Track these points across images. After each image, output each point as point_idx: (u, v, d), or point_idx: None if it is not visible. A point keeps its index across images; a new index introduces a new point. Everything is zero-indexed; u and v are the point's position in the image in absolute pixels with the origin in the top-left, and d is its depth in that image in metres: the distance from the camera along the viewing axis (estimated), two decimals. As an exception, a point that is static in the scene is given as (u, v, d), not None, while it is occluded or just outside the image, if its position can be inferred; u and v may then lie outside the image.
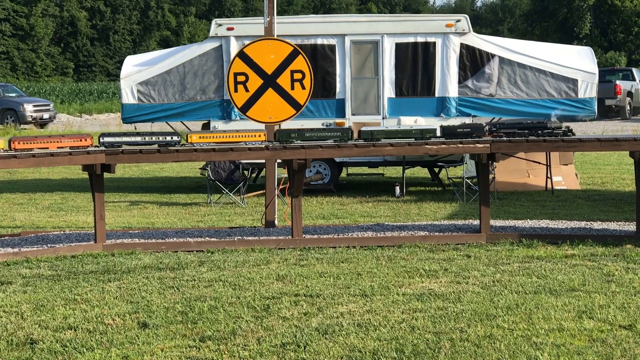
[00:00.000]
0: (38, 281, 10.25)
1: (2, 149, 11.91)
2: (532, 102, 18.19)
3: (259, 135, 12.68)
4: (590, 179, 20.44)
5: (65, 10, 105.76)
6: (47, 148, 12.08)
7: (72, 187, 20.41)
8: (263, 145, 12.50)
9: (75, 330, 8.05)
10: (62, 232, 14.07)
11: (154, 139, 12.64)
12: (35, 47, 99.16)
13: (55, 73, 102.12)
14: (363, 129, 12.98)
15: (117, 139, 12.61)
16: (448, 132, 12.76)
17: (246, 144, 12.51)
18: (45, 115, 45.23)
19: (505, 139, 12.64)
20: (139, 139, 12.63)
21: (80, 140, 12.44)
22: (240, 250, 12.14)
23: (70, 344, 7.62)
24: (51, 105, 47.58)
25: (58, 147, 12.17)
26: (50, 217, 16.00)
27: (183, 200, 18.14)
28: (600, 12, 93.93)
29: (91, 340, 7.71)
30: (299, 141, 12.61)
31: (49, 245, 12.65)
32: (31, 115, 44.27)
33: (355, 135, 12.90)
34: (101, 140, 12.52)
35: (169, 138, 12.63)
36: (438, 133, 12.96)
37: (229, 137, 12.62)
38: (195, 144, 12.46)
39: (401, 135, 12.79)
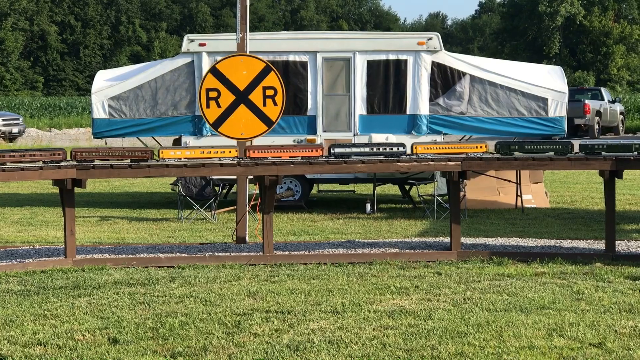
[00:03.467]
0: (7, 296, 10.17)
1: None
2: (502, 120, 18.28)
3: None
4: (559, 197, 20.55)
5: (35, 24, 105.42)
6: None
7: (41, 202, 20.30)
8: (235, 162, 12.49)
9: (45, 346, 8.00)
10: (31, 247, 13.98)
11: (381, 149, 12.70)
12: (5, 61, 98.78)
13: (24, 87, 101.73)
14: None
15: (347, 150, 12.69)
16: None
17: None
18: (15, 130, 45.01)
19: (476, 156, 12.70)
20: (367, 149, 12.70)
21: (312, 151, 12.69)
22: (211, 266, 12.11)
23: (40, 360, 7.58)
24: (20, 119, 47.35)
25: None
26: (19, 231, 15.90)
27: (154, 215, 18.08)
28: (569, 32, 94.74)
29: (61, 356, 7.67)
30: (519, 153, 12.62)
31: (18, 260, 12.56)
32: (0, 130, 44.01)
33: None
34: (332, 151, 12.66)
35: (395, 148, 12.68)
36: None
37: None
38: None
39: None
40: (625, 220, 16.37)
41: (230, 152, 12.66)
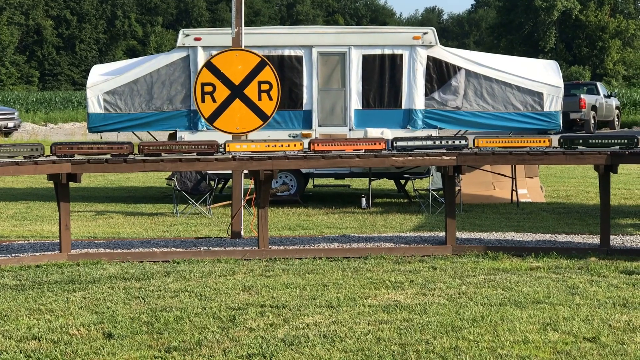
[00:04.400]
0: (2, 291, 10.16)
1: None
2: (498, 115, 18.28)
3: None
4: (555, 192, 20.57)
5: (31, 18, 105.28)
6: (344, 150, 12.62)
7: (36, 197, 20.29)
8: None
9: (40, 341, 7.99)
10: (26, 241, 13.97)
11: (443, 142, 12.72)
12: (0, 56, 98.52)
13: (20, 81, 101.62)
14: None
15: (410, 143, 12.70)
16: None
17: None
18: (10, 124, 44.92)
19: (471, 151, 12.70)
20: (429, 142, 12.71)
21: (375, 144, 12.66)
22: (206, 261, 12.11)
23: (34, 355, 7.56)
24: (16, 113, 47.25)
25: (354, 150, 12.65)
26: (14, 226, 15.89)
27: (149, 210, 18.07)
28: (565, 27, 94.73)
29: (55, 351, 7.66)
30: (582, 147, 12.54)
31: (13, 254, 12.56)
32: (-5, 124, 43.96)
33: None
34: (394, 144, 12.66)
35: (457, 142, 12.69)
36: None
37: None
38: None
39: None
40: (620, 215, 16.39)
41: (295, 145, 12.68)
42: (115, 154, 12.36)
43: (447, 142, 12.71)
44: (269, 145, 12.59)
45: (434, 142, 12.74)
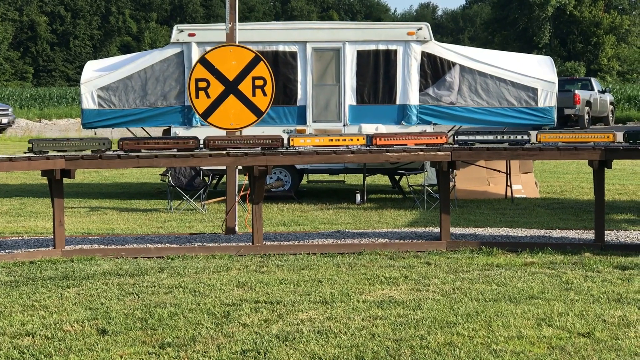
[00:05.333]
0: (-4, 287, 10.15)
1: None
2: (492, 110, 18.27)
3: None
4: (549, 187, 20.58)
5: (25, 14, 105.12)
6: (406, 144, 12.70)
7: (30, 193, 20.26)
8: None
9: (33, 337, 7.98)
10: (20, 237, 13.96)
11: (505, 137, 12.69)
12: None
13: (14, 77, 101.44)
14: None
15: (472, 137, 12.69)
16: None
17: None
18: (4, 120, 44.86)
19: (466, 147, 12.70)
20: (491, 137, 12.68)
21: (436, 138, 12.69)
22: (201, 257, 12.10)
23: (28, 351, 7.55)
24: (10, 110, 47.19)
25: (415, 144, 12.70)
26: (8, 222, 15.86)
27: (143, 206, 18.05)
28: (560, 22, 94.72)
29: (49, 347, 7.65)
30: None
31: (6, 250, 12.54)
32: (-11, 120, 43.91)
33: None
34: (456, 138, 12.71)
35: (519, 137, 12.63)
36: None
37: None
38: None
39: None
40: (615, 210, 16.40)
41: (357, 139, 12.73)
42: (181, 148, 12.46)
43: (509, 137, 12.67)
44: (331, 140, 12.68)
45: (496, 137, 12.71)
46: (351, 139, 12.75)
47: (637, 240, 13.14)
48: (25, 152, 12.29)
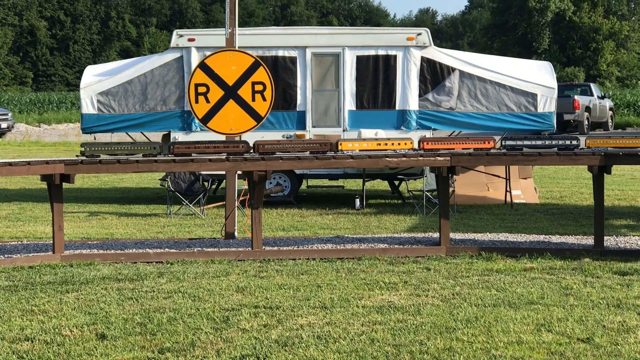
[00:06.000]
0: (-5, 292, 10.14)
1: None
2: (491, 115, 18.27)
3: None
4: (548, 192, 20.58)
5: (24, 19, 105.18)
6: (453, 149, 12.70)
7: (30, 197, 20.25)
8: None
9: (32, 342, 7.97)
10: (19, 242, 13.95)
11: (553, 142, 12.62)
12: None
13: (13, 82, 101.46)
14: None
15: (519, 142, 12.64)
16: None
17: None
18: (4, 125, 44.86)
19: (465, 152, 12.69)
20: (539, 142, 12.64)
21: (484, 143, 12.68)
22: (200, 262, 12.10)
23: (27, 356, 7.54)
24: (9, 114, 47.20)
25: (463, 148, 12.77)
26: (7, 227, 15.85)
27: (142, 211, 18.04)
28: (559, 28, 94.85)
29: (48, 352, 7.64)
30: None
31: (6, 255, 12.53)
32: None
33: None
34: (503, 143, 12.66)
35: (568, 142, 12.55)
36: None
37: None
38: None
39: None
40: (614, 216, 16.40)
41: (405, 143, 12.77)
42: (232, 152, 12.53)
43: (558, 142, 12.63)
44: (379, 144, 12.73)
45: (544, 142, 12.68)
46: (399, 143, 12.77)
47: (637, 246, 13.13)
48: (77, 155, 12.43)
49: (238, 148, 12.56)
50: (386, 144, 12.74)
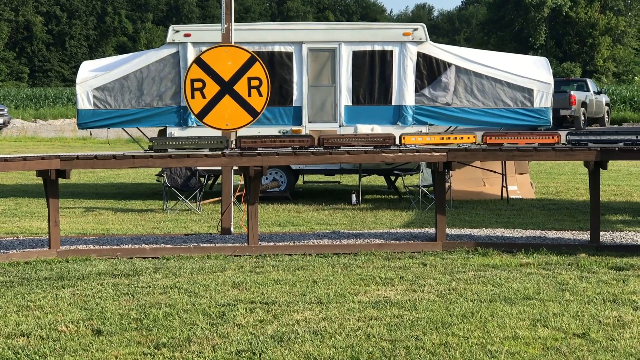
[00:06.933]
0: (-10, 287, 10.13)
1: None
2: (488, 111, 18.28)
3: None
4: (545, 188, 20.58)
5: (20, 14, 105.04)
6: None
7: (26, 193, 20.23)
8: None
9: (28, 337, 7.97)
10: (15, 237, 13.94)
11: (619, 137, 12.52)
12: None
13: (9, 78, 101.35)
14: None
15: (584, 137, 12.56)
16: None
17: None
18: (0, 120, 44.82)
19: (461, 147, 12.70)
20: (605, 137, 12.55)
21: (550, 138, 12.62)
22: (196, 257, 12.09)
23: (23, 351, 7.54)
24: (5, 110, 47.16)
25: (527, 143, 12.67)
26: (3, 222, 15.84)
27: (138, 206, 18.03)
28: (556, 23, 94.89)
29: (44, 347, 7.63)
30: None
31: (1, 251, 12.51)
32: (-15, 120, 43.87)
33: None
34: (569, 138, 12.59)
35: (633, 137, 12.44)
36: None
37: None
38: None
39: None
40: (610, 211, 16.41)
41: (468, 137, 12.79)
42: (296, 146, 12.61)
43: (624, 137, 12.51)
44: (442, 138, 12.77)
45: (609, 137, 12.63)
46: (462, 137, 12.79)
47: (633, 241, 13.14)
48: (146, 150, 12.48)
49: (303, 142, 12.66)
50: (449, 138, 12.77)
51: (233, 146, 12.87)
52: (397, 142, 12.84)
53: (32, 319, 8.62)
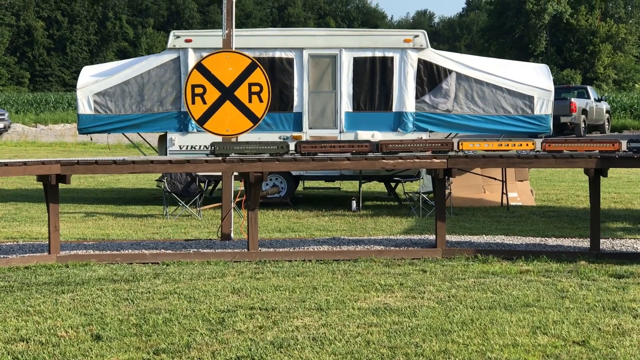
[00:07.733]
0: (-10, 292, 10.13)
1: None
2: (488, 118, 18.29)
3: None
4: (545, 195, 20.58)
5: (21, 19, 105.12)
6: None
7: (26, 198, 20.23)
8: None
9: (28, 342, 7.96)
10: (15, 242, 13.93)
11: None
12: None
13: (10, 82, 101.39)
14: None
15: None
16: None
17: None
18: (0, 125, 44.83)
19: (461, 154, 12.70)
20: None
21: (611, 145, 12.53)
22: (196, 263, 12.09)
23: (22, 356, 7.53)
24: (6, 114, 47.17)
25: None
26: (3, 227, 15.83)
27: (139, 212, 18.03)
28: (556, 30, 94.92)
29: (44, 353, 7.63)
30: None
31: (1, 255, 12.51)
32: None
33: None
34: (629, 145, 12.53)
35: None
36: None
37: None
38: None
39: None
40: (610, 219, 16.40)
41: (527, 145, 12.76)
42: (355, 152, 12.65)
43: None
44: (501, 145, 12.76)
45: None
46: (520, 144, 12.77)
47: (633, 249, 13.14)
48: (207, 155, 12.59)
49: (362, 147, 12.68)
50: (507, 145, 12.75)
51: (293, 151, 12.88)
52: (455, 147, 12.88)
53: (32, 324, 8.61)
